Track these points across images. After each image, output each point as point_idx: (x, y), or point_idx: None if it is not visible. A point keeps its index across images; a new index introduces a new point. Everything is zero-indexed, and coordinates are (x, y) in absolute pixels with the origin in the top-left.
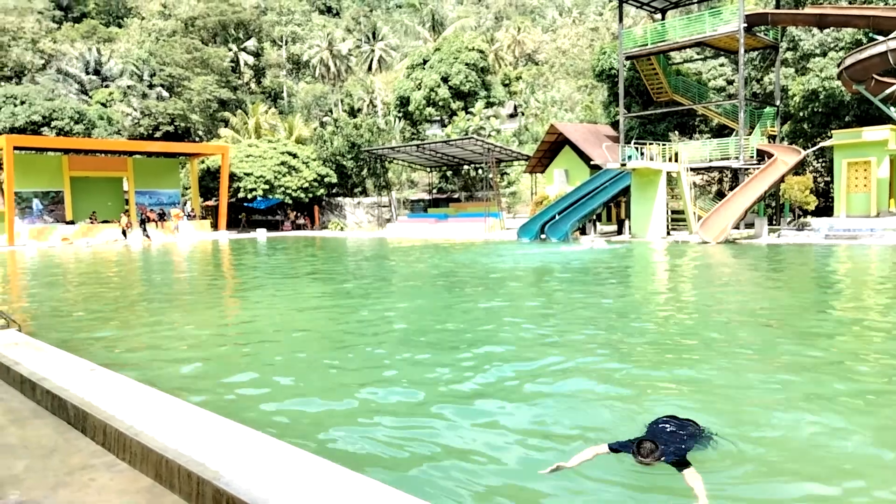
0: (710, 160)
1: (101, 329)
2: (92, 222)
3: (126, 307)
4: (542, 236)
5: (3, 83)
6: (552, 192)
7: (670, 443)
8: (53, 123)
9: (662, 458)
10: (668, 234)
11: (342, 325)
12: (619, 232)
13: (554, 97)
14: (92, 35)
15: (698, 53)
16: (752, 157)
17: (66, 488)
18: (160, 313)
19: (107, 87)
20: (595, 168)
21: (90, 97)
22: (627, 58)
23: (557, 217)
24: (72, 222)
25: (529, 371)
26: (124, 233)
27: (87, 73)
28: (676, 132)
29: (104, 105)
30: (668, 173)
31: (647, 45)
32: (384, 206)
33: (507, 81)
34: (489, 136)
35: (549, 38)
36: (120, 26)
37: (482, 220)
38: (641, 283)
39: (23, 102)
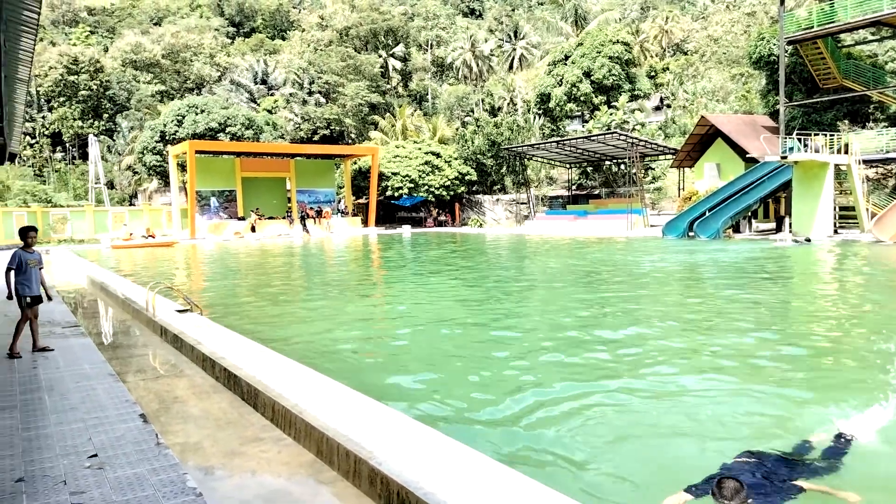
0: (887, 151)
1: (270, 313)
2: (259, 218)
3: (290, 294)
4: (690, 234)
5: (186, 94)
6: (702, 188)
7: (762, 481)
8: (228, 129)
9: (750, 501)
10: (836, 232)
11: (487, 320)
12: (779, 229)
13: (704, 87)
14: (259, 48)
15: (873, 34)
16: None
17: (239, 458)
18: (320, 300)
19: (272, 95)
20: (751, 161)
21: (258, 105)
22: (789, 42)
23: (708, 213)
24: (242, 218)
25: (694, 379)
26: (253, 228)
27: (256, 83)
28: (846, 121)
29: (270, 112)
30: (836, 166)
31: (812, 27)
32: (522, 203)
33: (652, 73)
34: (633, 129)
35: (700, 27)
36: (283, 39)
37: (624, 217)
38: (822, 286)
39: (202, 111)
